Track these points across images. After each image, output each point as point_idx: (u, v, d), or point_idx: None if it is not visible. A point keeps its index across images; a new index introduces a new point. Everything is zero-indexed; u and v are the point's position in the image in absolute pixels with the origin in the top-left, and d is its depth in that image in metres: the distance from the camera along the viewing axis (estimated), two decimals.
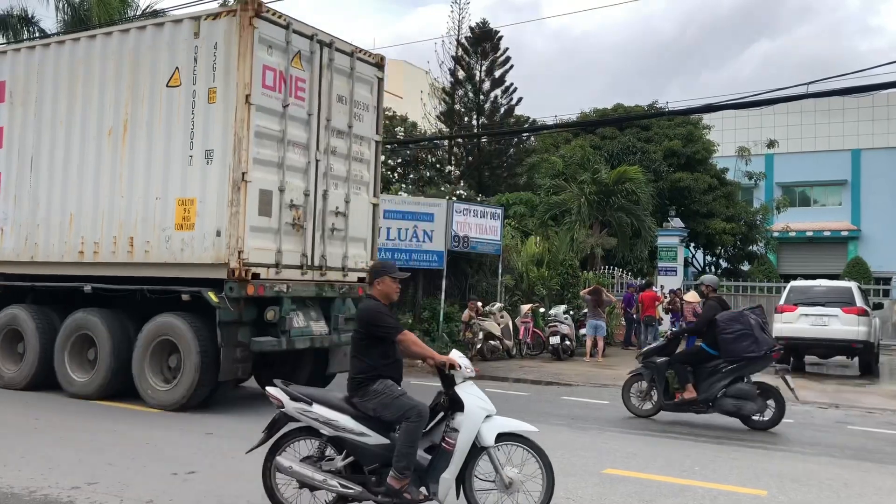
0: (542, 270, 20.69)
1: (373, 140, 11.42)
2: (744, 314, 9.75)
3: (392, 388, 5.37)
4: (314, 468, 5.38)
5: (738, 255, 32.31)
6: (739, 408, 9.59)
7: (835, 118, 43.23)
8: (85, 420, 8.97)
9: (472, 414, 5.25)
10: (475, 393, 5.41)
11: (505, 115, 29.21)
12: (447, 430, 5.28)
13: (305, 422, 5.43)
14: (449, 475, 5.20)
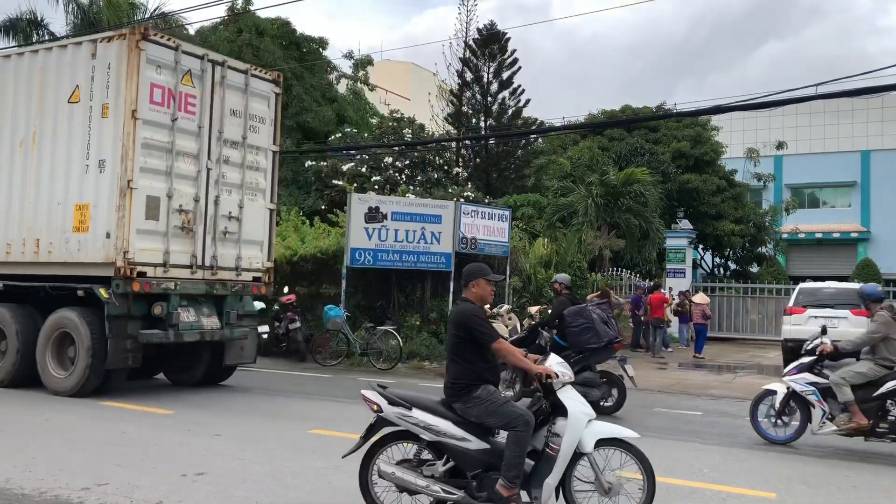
0: (551, 272, 20.65)
1: (269, 150, 12.28)
2: (587, 309, 10.44)
3: (496, 394, 5.27)
4: (416, 473, 5.32)
5: (747, 257, 32.20)
6: (586, 394, 9.70)
7: (844, 119, 43.07)
8: (94, 421, 9.01)
9: (576, 420, 5.20)
10: (577, 398, 5.34)
11: (512, 116, 29.18)
12: (549, 436, 5.22)
13: (404, 426, 5.36)
14: (552, 480, 5.15)
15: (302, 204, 23.64)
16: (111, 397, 10.65)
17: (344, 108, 27.85)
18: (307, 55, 27.52)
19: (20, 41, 31.91)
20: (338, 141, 25.27)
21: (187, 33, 28.44)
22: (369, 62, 30.33)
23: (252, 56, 24.99)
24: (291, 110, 25.87)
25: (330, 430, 8.77)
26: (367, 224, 16.68)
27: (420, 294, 17.73)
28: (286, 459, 7.27)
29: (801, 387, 8.88)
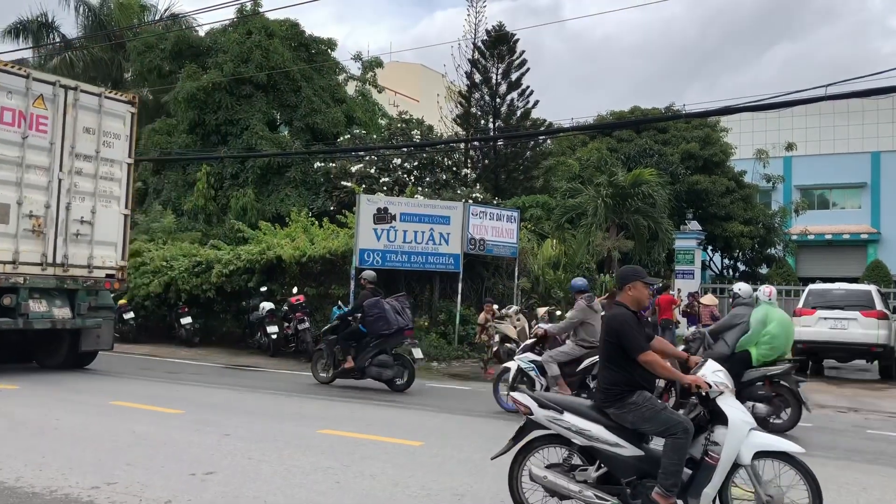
0: (559, 273, 20.67)
1: (124, 162, 13.94)
2: (380, 301, 12.21)
3: (652, 400, 5.17)
4: (567, 478, 5.27)
5: (756, 258, 32.10)
6: (380, 374, 12.20)
7: (854, 120, 42.89)
8: (104, 421, 9.06)
9: (737, 429, 5.05)
10: (737, 406, 5.20)
11: (521, 117, 29.17)
12: (708, 444, 5.10)
13: (556, 430, 5.31)
14: (711, 490, 5.03)
15: (311, 205, 23.71)
16: (121, 397, 10.71)
17: (353, 109, 27.91)
18: (316, 56, 27.60)
19: (31, 43, 32.17)
20: (347, 142, 25.31)
21: (197, 34, 28.57)
22: (379, 64, 30.39)
23: (261, 57, 25.09)
24: (301, 111, 25.95)
25: (339, 430, 8.80)
26: (375, 225, 16.72)
27: (429, 295, 17.76)
28: (295, 459, 7.29)
29: (524, 364, 10.41)
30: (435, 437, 8.66)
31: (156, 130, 26.60)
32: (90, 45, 31.50)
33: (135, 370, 14.54)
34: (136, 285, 18.80)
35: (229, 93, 25.35)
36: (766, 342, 9.65)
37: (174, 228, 22.10)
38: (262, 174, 24.80)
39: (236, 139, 25.40)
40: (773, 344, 9.65)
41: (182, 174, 25.94)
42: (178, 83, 25.86)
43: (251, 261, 17.99)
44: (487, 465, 7.24)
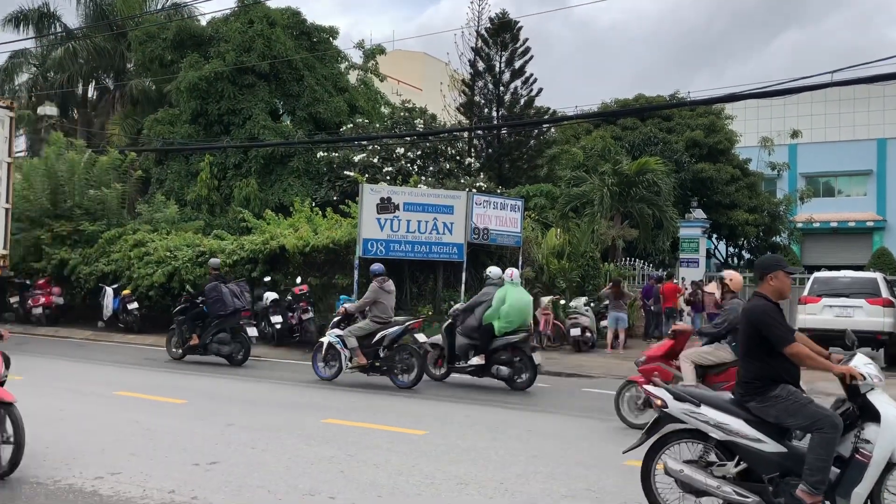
0: (563, 262, 20.58)
1: (4, 161, 16.07)
2: (219, 286, 13.92)
3: (797, 394, 5.00)
4: (705, 473, 5.11)
5: (762, 247, 31.96)
6: (219, 350, 13.84)
7: (860, 107, 42.68)
8: (107, 411, 9.06)
9: (891, 426, 4.80)
10: (890, 402, 4.95)
11: (525, 106, 29.01)
12: (859, 441, 4.87)
13: (692, 424, 5.18)
14: (862, 490, 4.81)
15: (314, 195, 23.63)
16: (125, 387, 10.71)
17: (355, 98, 27.79)
18: (318, 45, 27.46)
19: (32, 33, 32.09)
20: (349, 132, 25.21)
21: (199, 24, 28.46)
22: (381, 51, 30.22)
23: (263, 46, 24.97)
24: (303, 101, 25.84)
25: (343, 419, 8.79)
26: (379, 215, 16.66)
27: (432, 285, 17.71)
28: (299, 449, 7.28)
29: (332, 339, 11.92)
30: (439, 425, 8.64)
31: (158, 121, 26.51)
32: (92, 35, 31.40)
33: (139, 360, 14.55)
34: (140, 275, 18.77)
35: (231, 82, 25.25)
36: (503, 316, 11.50)
37: (177, 218, 22.05)
38: (265, 164, 24.72)
39: (239, 129, 25.31)
40: (510, 318, 11.49)
41: (185, 164, 25.87)
42: (180, 73, 25.78)
43: (255, 251, 17.94)
44: (491, 454, 7.25)
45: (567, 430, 8.71)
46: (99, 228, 20.34)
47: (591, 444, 7.95)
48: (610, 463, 7.05)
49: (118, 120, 30.94)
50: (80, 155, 21.52)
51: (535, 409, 10.04)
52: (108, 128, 31.69)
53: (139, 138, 28.15)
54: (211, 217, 24.02)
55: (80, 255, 20.13)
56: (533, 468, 6.79)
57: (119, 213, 21.56)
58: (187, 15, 29.63)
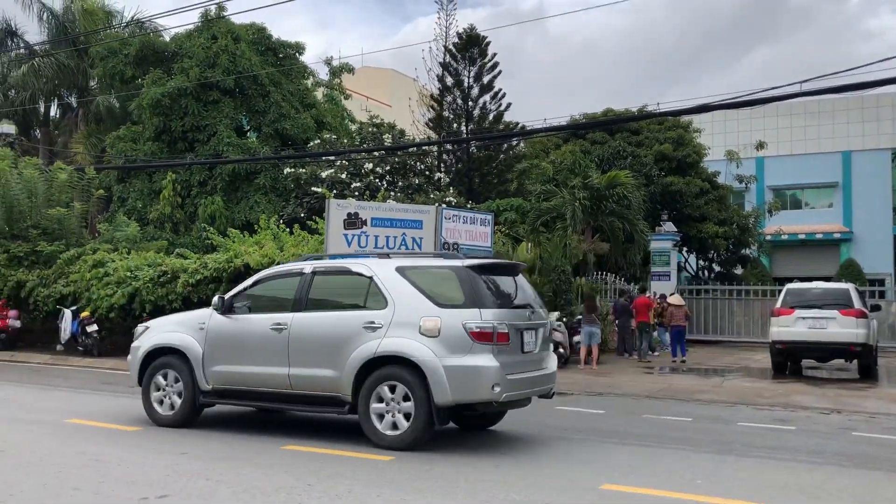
0: (534, 277, 20.29)
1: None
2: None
3: None
4: None
5: (731, 259, 31.99)
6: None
7: (825, 120, 43.11)
8: (56, 441, 8.54)
9: None
10: None
11: (494, 120, 28.84)
12: None
13: None
14: None
15: (281, 212, 23.20)
16: (76, 414, 10.18)
17: (322, 114, 27.43)
18: (284, 61, 27.10)
19: None
20: (317, 147, 24.82)
21: (162, 39, 27.98)
22: (349, 70, 29.94)
23: (228, 62, 24.56)
24: (269, 117, 25.44)
25: (304, 445, 8.35)
26: (346, 230, 16.24)
27: None
28: (256, 479, 6.84)
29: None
30: (406, 450, 8.22)
31: (120, 138, 25.95)
32: (55, 52, 30.76)
33: (97, 385, 13.97)
34: (100, 297, 18.18)
35: (196, 98, 24.78)
36: None
37: (139, 238, 21.47)
38: (231, 181, 24.25)
39: (203, 146, 24.83)
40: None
41: (148, 182, 25.30)
42: (142, 90, 25.26)
43: (218, 269, 17.44)
44: (460, 480, 6.87)
45: (540, 451, 8.35)
46: (57, 249, 19.71)
47: (567, 466, 7.59)
48: (585, 487, 6.71)
49: (81, 138, 30.28)
50: (35, 172, 20.86)
51: (507, 429, 9.67)
52: (72, 146, 31.01)
53: (103, 156, 27.53)
54: (175, 236, 23.47)
55: (38, 277, 19.50)
56: (505, 495, 6.42)
57: (79, 232, 20.95)
58: (151, 30, 29.13)
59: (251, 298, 9.35)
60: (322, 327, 8.69)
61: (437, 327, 8.06)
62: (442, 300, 8.25)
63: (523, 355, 8.50)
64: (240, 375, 9.08)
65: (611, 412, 11.39)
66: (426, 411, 7.96)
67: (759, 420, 10.85)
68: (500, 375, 7.95)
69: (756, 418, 11.01)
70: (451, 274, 8.43)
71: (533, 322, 8.71)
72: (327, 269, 9.31)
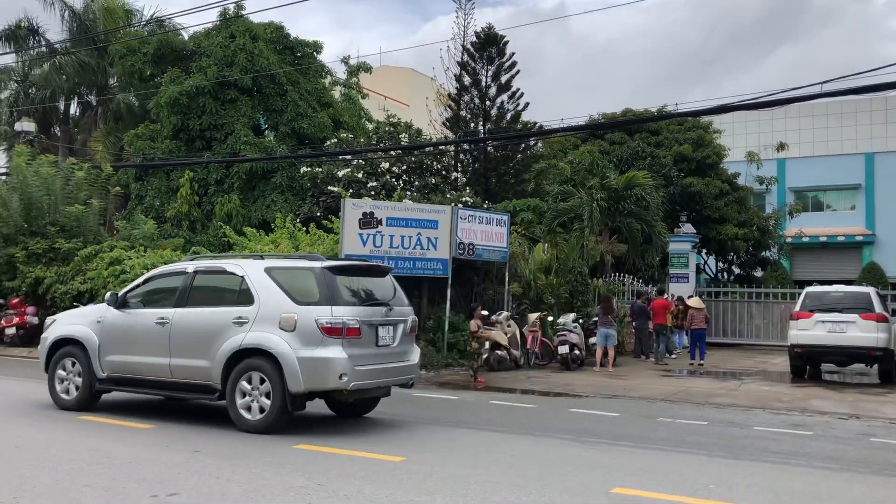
0: (551, 278, 20.24)
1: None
2: None
3: None
4: None
5: (751, 261, 31.71)
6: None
7: (847, 121, 42.60)
8: (69, 438, 8.58)
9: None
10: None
11: (511, 120, 28.69)
12: None
13: None
14: None
15: (297, 211, 23.23)
16: (90, 412, 10.22)
17: (340, 113, 27.45)
18: (301, 60, 27.14)
19: (14, 49, 31.68)
20: (333, 146, 24.83)
21: (180, 38, 28.11)
22: (366, 69, 29.94)
23: (246, 61, 24.62)
24: (287, 116, 25.48)
25: (316, 445, 8.34)
26: (361, 230, 16.27)
27: (416, 301, 17.25)
28: (266, 478, 6.84)
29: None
30: (418, 450, 8.20)
31: (138, 136, 26.08)
32: (76, 50, 31.00)
33: None
34: None
35: (213, 97, 24.87)
36: None
37: (156, 235, 21.58)
38: (248, 180, 24.31)
39: (221, 144, 24.92)
40: None
41: (166, 180, 25.43)
42: (160, 88, 25.39)
43: None
44: (471, 482, 6.83)
45: (553, 454, 8.28)
46: (75, 246, 19.85)
47: (578, 469, 7.52)
48: (595, 491, 6.64)
49: (101, 136, 30.49)
50: (52, 169, 21.00)
51: (519, 431, 9.62)
52: (91, 144, 31.24)
53: (122, 154, 27.71)
54: (191, 234, 23.55)
55: (56, 274, 19.62)
56: (515, 497, 6.37)
57: (96, 230, 21.08)
58: (169, 29, 29.28)
59: (142, 295, 10.27)
60: (198, 321, 9.49)
61: (293, 322, 8.84)
62: (300, 298, 9.02)
63: (378, 348, 9.31)
64: (130, 364, 9.96)
65: (625, 415, 11.29)
66: (282, 398, 8.77)
67: (775, 424, 10.71)
68: (347, 366, 8.75)
69: (772, 423, 10.88)
70: (310, 274, 9.21)
71: (390, 318, 9.51)
72: (207, 268, 10.11)
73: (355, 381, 8.88)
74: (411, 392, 13.25)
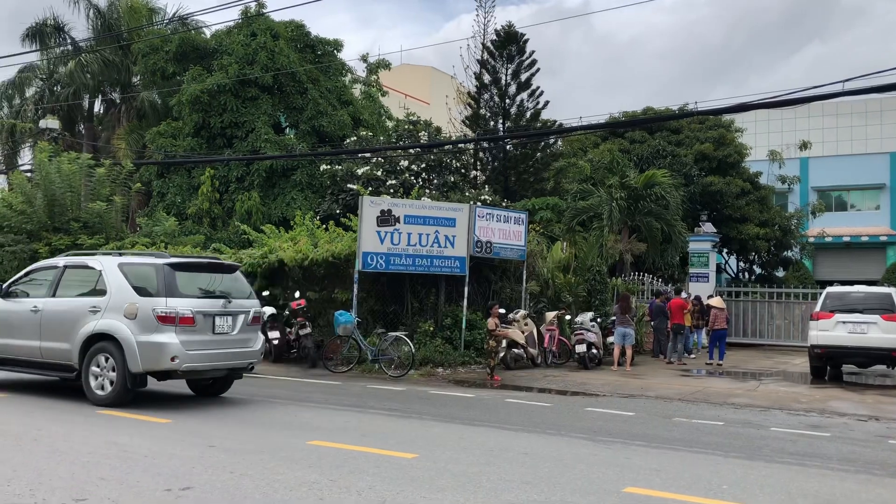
0: (569, 277, 20.18)
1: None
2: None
3: None
4: None
5: (773, 261, 31.43)
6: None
7: (872, 120, 42.15)
8: (86, 432, 8.69)
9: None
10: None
11: (531, 118, 28.67)
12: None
13: None
14: None
15: (317, 208, 23.35)
16: (109, 406, 10.33)
17: (359, 111, 27.54)
18: (322, 58, 27.26)
19: (38, 47, 32.04)
20: (353, 144, 24.93)
21: (202, 36, 28.31)
22: (386, 66, 30.00)
23: (266, 59, 24.77)
24: (307, 114, 25.61)
25: (330, 441, 8.38)
26: (379, 227, 16.32)
27: (434, 299, 17.31)
28: (279, 473, 6.88)
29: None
30: (430, 448, 8.22)
31: (161, 133, 26.32)
32: (101, 48, 31.32)
33: None
34: None
35: (234, 95, 25.05)
36: None
37: (177, 232, 21.77)
38: (268, 177, 24.47)
39: (241, 142, 25.09)
40: None
41: (187, 178, 25.65)
42: (182, 86, 25.60)
43: (253, 264, 17.62)
44: (482, 480, 6.83)
45: (566, 453, 8.27)
46: (97, 242, 20.06)
47: (591, 467, 7.51)
48: (607, 490, 6.62)
49: (124, 134, 30.79)
50: (73, 165, 21.22)
51: (534, 430, 9.61)
52: (114, 142, 31.56)
53: (144, 151, 27.99)
54: (212, 231, 23.75)
55: None
56: (526, 495, 6.38)
57: (118, 226, 21.29)
58: (192, 27, 29.51)
59: (25, 285, 11.69)
60: (63, 310, 10.88)
61: (135, 311, 10.21)
62: (142, 290, 10.36)
63: (215, 336, 10.61)
64: (11, 347, 11.34)
65: (641, 414, 11.24)
66: (124, 377, 10.16)
67: (792, 426, 10.62)
68: (179, 350, 10.11)
69: (790, 424, 10.79)
70: (152, 270, 10.52)
71: (228, 310, 10.80)
72: (74, 264, 11.45)
73: (187, 363, 10.22)
74: (427, 389, 13.32)
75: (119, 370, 10.18)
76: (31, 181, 21.50)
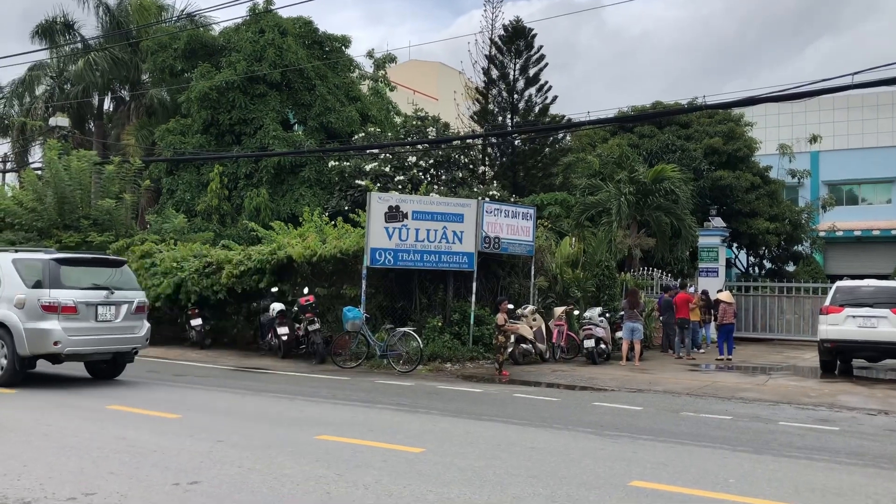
0: (577, 272, 20.17)
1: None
2: None
3: None
4: None
5: (783, 256, 31.31)
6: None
7: (884, 113, 41.84)
8: (96, 427, 8.75)
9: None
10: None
11: (539, 114, 28.63)
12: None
13: None
14: None
15: (325, 205, 23.40)
16: (119, 401, 10.41)
17: (367, 107, 27.57)
18: (330, 54, 27.29)
19: (48, 44, 32.18)
20: (361, 141, 24.97)
21: (210, 33, 28.37)
22: (391, 59, 30.00)
23: (275, 56, 24.82)
24: (315, 110, 25.65)
25: (338, 436, 8.42)
26: (387, 223, 16.35)
27: (442, 295, 17.33)
28: (287, 467, 6.92)
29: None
30: (438, 443, 8.25)
31: (170, 130, 26.42)
32: (110, 46, 31.45)
33: (141, 373, 14.26)
34: (147, 287, 18.55)
35: (243, 92, 25.12)
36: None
37: (186, 229, 21.87)
38: (276, 174, 24.53)
39: (250, 139, 25.16)
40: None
41: (196, 175, 25.74)
42: (191, 83, 25.69)
43: (262, 261, 17.68)
44: (489, 474, 6.85)
45: (572, 447, 8.28)
46: (107, 239, 20.18)
47: (597, 462, 7.51)
48: (613, 483, 6.63)
49: (133, 131, 30.93)
50: (82, 163, 21.33)
51: (541, 424, 9.62)
52: (124, 139, 31.71)
53: (154, 149, 28.10)
54: (221, 227, 23.83)
55: None
56: (531, 489, 6.39)
57: (128, 223, 21.40)
58: (200, 24, 29.59)
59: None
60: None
61: (23, 302, 11.59)
62: (30, 283, 11.71)
63: (98, 323, 11.96)
64: None
65: (649, 409, 11.23)
66: (13, 360, 11.59)
67: (801, 420, 10.60)
68: (62, 335, 11.48)
69: (798, 418, 10.76)
70: (39, 264, 11.88)
71: (111, 300, 12.16)
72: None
73: (70, 347, 11.61)
74: (435, 384, 13.34)
75: (10, 354, 11.59)
76: (42, 179, 21.63)
